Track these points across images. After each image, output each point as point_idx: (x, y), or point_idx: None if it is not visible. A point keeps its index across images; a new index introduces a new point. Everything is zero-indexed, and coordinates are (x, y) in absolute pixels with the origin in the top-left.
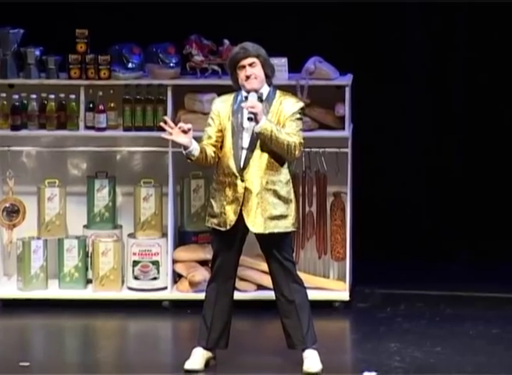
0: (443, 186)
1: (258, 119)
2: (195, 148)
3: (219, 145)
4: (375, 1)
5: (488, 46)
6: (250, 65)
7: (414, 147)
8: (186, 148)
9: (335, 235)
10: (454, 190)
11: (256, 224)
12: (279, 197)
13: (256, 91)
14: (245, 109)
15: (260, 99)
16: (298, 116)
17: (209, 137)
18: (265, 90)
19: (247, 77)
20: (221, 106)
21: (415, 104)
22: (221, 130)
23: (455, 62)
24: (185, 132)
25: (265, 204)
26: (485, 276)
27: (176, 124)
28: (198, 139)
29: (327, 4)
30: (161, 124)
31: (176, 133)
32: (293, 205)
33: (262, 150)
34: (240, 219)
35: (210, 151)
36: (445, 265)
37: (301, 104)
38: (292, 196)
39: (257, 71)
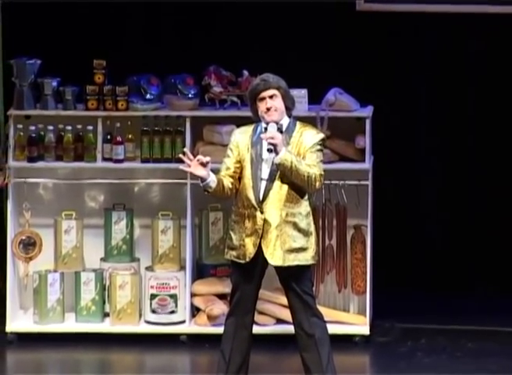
0: (463, 218)
1: (278, 150)
2: (212, 180)
3: (237, 176)
4: (393, 36)
5: (506, 74)
6: (271, 97)
7: (434, 180)
8: (203, 180)
9: (355, 268)
10: (474, 222)
11: (275, 257)
12: (299, 229)
13: (276, 122)
14: (264, 140)
15: (279, 130)
16: (319, 147)
17: (227, 168)
18: (285, 121)
19: (268, 109)
20: (240, 137)
21: (435, 136)
22: (239, 161)
23: (473, 94)
24: (203, 164)
25: (285, 236)
26: (506, 309)
27: (194, 156)
28: (217, 171)
29: (347, 36)
30: (180, 156)
31: (194, 166)
32: (313, 238)
33: (282, 181)
34: (260, 251)
35: (227, 182)
36: (464, 297)
37: (322, 135)
38: (312, 228)
39: (278, 103)
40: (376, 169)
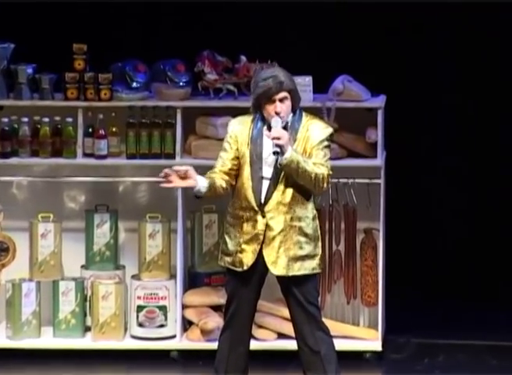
0: (487, 221)
1: (284, 150)
2: (202, 186)
3: (234, 173)
4: (409, 18)
5: None
6: (281, 100)
7: (453, 178)
8: (192, 187)
9: (365, 277)
10: (498, 226)
11: (278, 265)
12: (306, 234)
13: (279, 115)
14: (268, 139)
15: (285, 128)
16: (326, 143)
17: (223, 165)
18: (290, 117)
19: (277, 113)
20: (238, 129)
21: (457, 130)
22: (237, 157)
23: (495, 81)
24: (185, 176)
25: (289, 243)
26: None
27: (186, 151)
28: (211, 168)
29: (357, 20)
30: (166, 171)
31: (176, 180)
32: (320, 243)
33: (286, 182)
34: (259, 258)
35: (221, 182)
36: (488, 309)
37: (330, 130)
38: (319, 233)
39: (287, 107)
40: (389, 165)
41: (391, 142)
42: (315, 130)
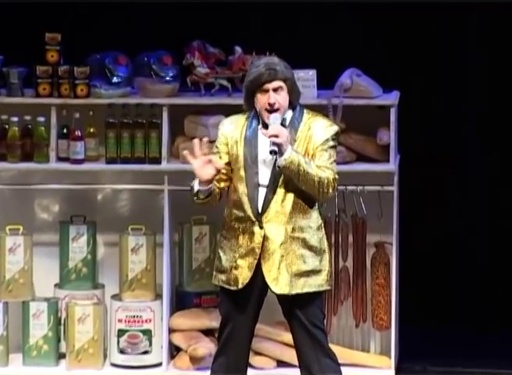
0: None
1: (283, 150)
2: (210, 187)
3: (227, 181)
4: (424, 6)
5: None
6: (276, 90)
7: (476, 187)
8: (201, 184)
9: (377, 297)
10: None
11: (280, 283)
12: (310, 247)
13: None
14: (263, 136)
15: (283, 126)
16: (332, 143)
17: None
18: (289, 114)
19: (270, 105)
20: (230, 130)
21: (480, 131)
22: (229, 163)
23: None
24: (214, 169)
25: (292, 256)
26: None
27: (173, 154)
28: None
29: (366, 8)
30: (194, 141)
31: (202, 163)
32: (327, 257)
33: (286, 188)
34: (257, 275)
35: (216, 189)
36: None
37: (336, 128)
38: (325, 245)
39: (282, 98)
40: (403, 171)
41: (405, 144)
42: (318, 129)
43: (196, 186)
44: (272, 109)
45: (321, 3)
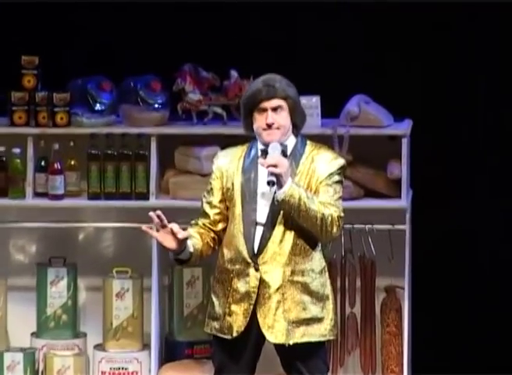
0: None
1: (282, 182)
2: (188, 252)
3: (222, 222)
4: (438, 27)
5: None
6: (275, 109)
7: (497, 224)
8: (173, 252)
9: (387, 347)
10: None
11: (276, 332)
12: (310, 292)
13: (280, 143)
14: (263, 168)
15: (284, 154)
16: (337, 178)
17: (206, 215)
18: (291, 142)
19: (268, 126)
20: (225, 163)
21: (500, 162)
22: (224, 201)
23: None
24: (175, 236)
25: (290, 303)
26: None
27: (162, 190)
28: (193, 212)
29: (373, 27)
30: (151, 214)
31: (163, 234)
32: (330, 304)
33: (286, 226)
34: (253, 323)
35: (207, 238)
36: None
37: (341, 161)
38: (328, 290)
39: (283, 119)
40: (416, 208)
41: (418, 179)
42: (322, 162)
43: (170, 255)
44: (269, 131)
45: (327, 23)
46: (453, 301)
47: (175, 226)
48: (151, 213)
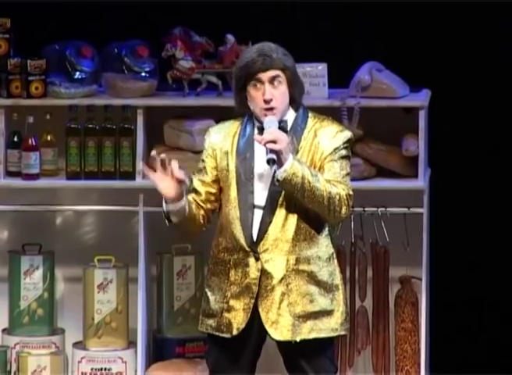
0: None
1: (283, 159)
2: (182, 207)
3: (214, 203)
4: None
5: None
6: (272, 81)
7: None
8: (168, 201)
9: (402, 345)
10: None
11: (281, 328)
12: (318, 282)
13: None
14: (260, 146)
15: (283, 129)
16: (343, 152)
17: (198, 192)
18: (291, 116)
19: (266, 102)
20: (218, 140)
21: None
22: (218, 180)
23: None
24: (176, 181)
25: (295, 295)
26: None
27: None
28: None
29: None
30: (153, 154)
31: (160, 174)
32: (340, 294)
33: (288, 209)
34: (254, 318)
35: (199, 212)
36: None
37: (348, 134)
38: (338, 280)
39: (281, 94)
40: (435, 189)
41: (437, 156)
42: (326, 136)
43: (164, 206)
44: (266, 106)
45: None
46: (476, 295)
47: (175, 166)
48: (154, 153)
